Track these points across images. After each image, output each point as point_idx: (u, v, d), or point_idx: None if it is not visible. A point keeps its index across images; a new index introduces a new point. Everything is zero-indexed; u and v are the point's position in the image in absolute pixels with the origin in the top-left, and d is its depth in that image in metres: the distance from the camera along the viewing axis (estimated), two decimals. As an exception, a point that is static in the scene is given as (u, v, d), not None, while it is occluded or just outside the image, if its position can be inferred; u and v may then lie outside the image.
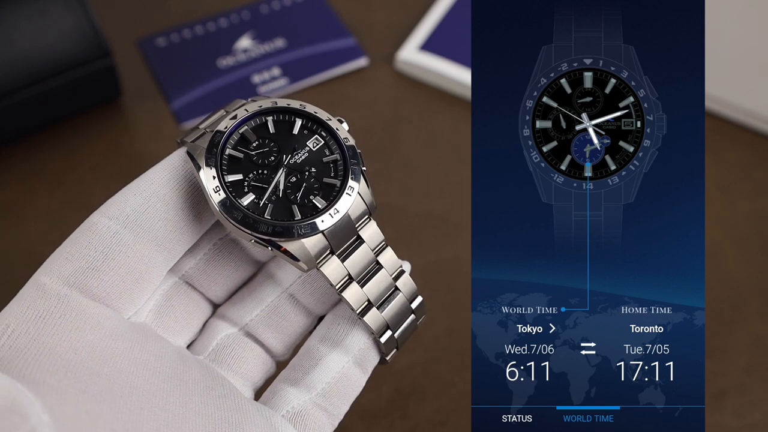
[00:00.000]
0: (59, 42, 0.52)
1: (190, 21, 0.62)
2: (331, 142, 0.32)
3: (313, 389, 0.32)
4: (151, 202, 0.30)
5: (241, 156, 0.31)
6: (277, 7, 0.63)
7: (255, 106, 0.32)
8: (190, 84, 0.58)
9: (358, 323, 0.33)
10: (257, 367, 0.33)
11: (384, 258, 0.33)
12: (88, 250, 0.29)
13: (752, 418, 0.45)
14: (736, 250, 0.51)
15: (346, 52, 0.60)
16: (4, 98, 0.51)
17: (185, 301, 0.33)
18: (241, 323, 0.34)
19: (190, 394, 0.30)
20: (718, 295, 0.49)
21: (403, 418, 0.45)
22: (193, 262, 0.33)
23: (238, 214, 0.30)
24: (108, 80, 0.55)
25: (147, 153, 0.55)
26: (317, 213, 0.31)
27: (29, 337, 0.28)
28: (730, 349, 0.47)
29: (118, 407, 0.27)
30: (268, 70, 0.59)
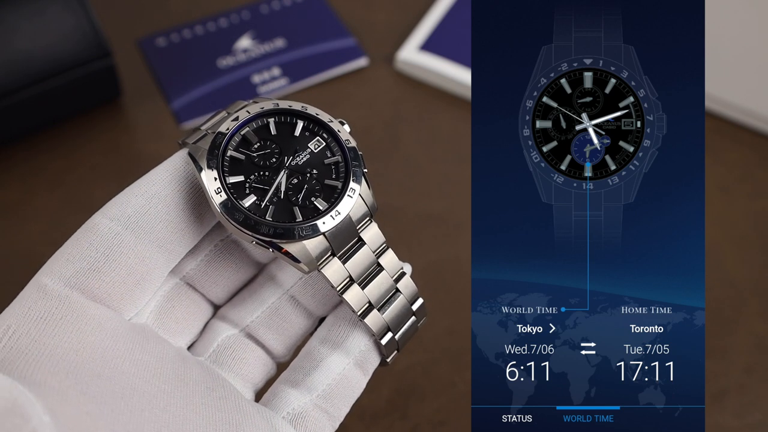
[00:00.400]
0: (59, 42, 0.52)
1: (190, 21, 0.62)
2: (333, 144, 0.32)
3: (313, 391, 0.32)
4: (153, 203, 0.30)
5: (243, 157, 0.31)
6: (277, 7, 0.63)
7: (256, 107, 0.32)
8: (190, 84, 0.58)
9: (358, 325, 0.33)
10: (258, 368, 0.33)
11: (385, 260, 0.33)
12: (90, 251, 0.29)
13: (752, 418, 0.45)
14: (736, 250, 0.51)
15: (346, 52, 0.60)
16: (4, 98, 0.51)
17: (186, 303, 0.33)
18: (241, 324, 0.34)
19: (190, 396, 0.30)
20: (718, 295, 0.49)
21: (403, 419, 0.45)
22: (194, 263, 0.33)
23: (239, 216, 0.30)
24: (108, 80, 0.55)
25: (147, 153, 0.55)
26: (318, 215, 0.31)
27: (30, 338, 0.28)
28: (730, 349, 0.47)
29: (118, 408, 0.27)
30: (268, 70, 0.59)
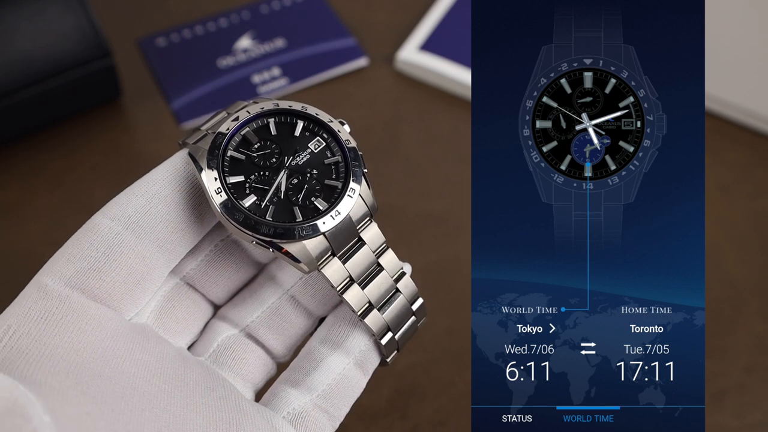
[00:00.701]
0: (59, 42, 0.52)
1: (190, 21, 0.62)
2: (333, 144, 0.32)
3: (313, 391, 0.32)
4: (153, 203, 0.30)
5: (243, 158, 0.31)
6: (277, 7, 0.63)
7: (257, 107, 0.32)
8: (190, 84, 0.58)
9: (358, 325, 0.33)
10: (258, 368, 0.33)
11: (385, 260, 0.33)
12: (90, 251, 0.29)
13: (752, 418, 0.45)
14: (736, 250, 0.51)
15: (346, 52, 0.60)
16: (4, 98, 0.51)
17: (186, 303, 0.33)
18: (242, 324, 0.34)
19: (191, 396, 0.30)
20: (718, 295, 0.49)
21: (403, 419, 0.45)
22: (195, 263, 0.33)
23: (239, 216, 0.30)
24: (108, 80, 0.55)
25: (147, 153, 0.55)
26: (318, 215, 0.31)
27: (31, 338, 0.28)
28: (730, 349, 0.47)
29: (119, 408, 0.27)
30: (268, 70, 0.59)
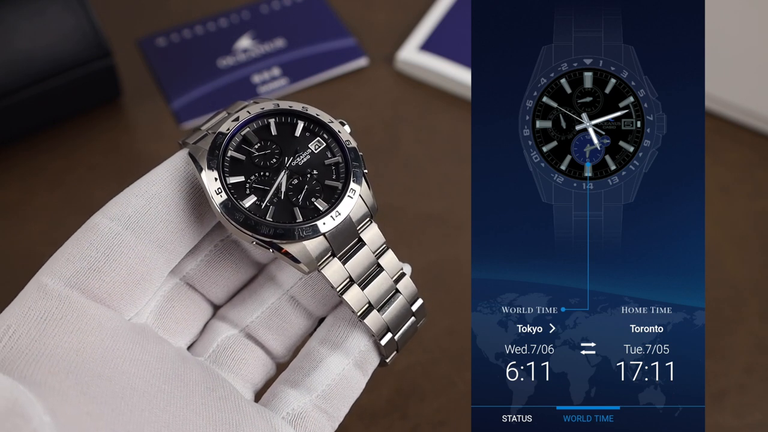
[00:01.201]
0: (59, 42, 0.52)
1: (190, 21, 0.62)
2: (333, 145, 0.32)
3: (313, 391, 0.32)
4: (153, 203, 0.30)
5: (243, 158, 0.31)
6: (277, 7, 0.63)
7: (257, 108, 0.32)
8: (190, 84, 0.58)
9: (358, 325, 0.33)
10: (257, 368, 0.33)
11: (385, 260, 0.33)
12: (90, 251, 0.29)
13: (752, 418, 0.45)
14: (736, 250, 0.51)
15: (346, 52, 0.60)
16: (4, 98, 0.51)
17: (186, 303, 0.33)
18: (241, 325, 0.34)
19: (190, 396, 0.30)
20: (718, 295, 0.49)
21: (403, 419, 0.45)
22: (194, 263, 0.33)
23: (239, 216, 0.30)
24: (108, 80, 0.55)
25: (147, 153, 0.55)
26: (319, 215, 0.31)
27: (30, 338, 0.28)
28: (730, 349, 0.47)
29: (119, 408, 0.27)
30: (268, 70, 0.59)
